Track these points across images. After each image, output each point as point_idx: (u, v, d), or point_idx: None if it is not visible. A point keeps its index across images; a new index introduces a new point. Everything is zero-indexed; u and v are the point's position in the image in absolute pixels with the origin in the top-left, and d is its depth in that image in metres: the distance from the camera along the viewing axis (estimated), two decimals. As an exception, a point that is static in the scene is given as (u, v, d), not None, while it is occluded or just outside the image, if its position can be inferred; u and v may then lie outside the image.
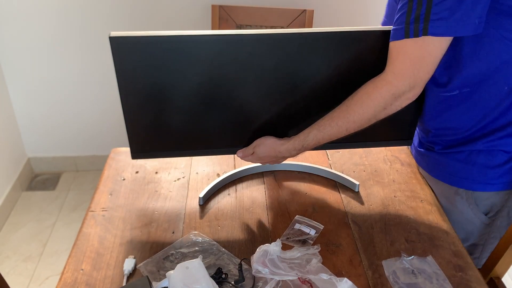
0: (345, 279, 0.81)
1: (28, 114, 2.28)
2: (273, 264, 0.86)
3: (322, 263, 0.89)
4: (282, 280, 0.85)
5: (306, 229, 0.99)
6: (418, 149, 1.14)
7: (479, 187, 1.01)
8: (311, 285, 0.84)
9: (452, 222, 1.04)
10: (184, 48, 0.88)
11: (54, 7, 1.99)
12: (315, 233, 0.98)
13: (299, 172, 1.18)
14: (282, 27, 1.84)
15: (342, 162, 1.22)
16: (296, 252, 0.90)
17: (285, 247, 0.93)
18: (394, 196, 1.10)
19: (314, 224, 1.00)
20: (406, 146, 1.26)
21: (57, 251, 1.99)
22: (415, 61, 0.85)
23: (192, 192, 1.10)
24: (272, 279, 0.85)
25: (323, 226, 1.00)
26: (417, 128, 1.12)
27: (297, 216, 1.03)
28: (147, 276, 0.80)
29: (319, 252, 0.90)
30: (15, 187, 2.25)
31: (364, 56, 0.93)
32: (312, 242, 0.96)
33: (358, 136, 1.06)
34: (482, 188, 1.01)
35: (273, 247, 0.88)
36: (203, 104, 0.96)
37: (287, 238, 0.97)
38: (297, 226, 1.00)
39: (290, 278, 0.84)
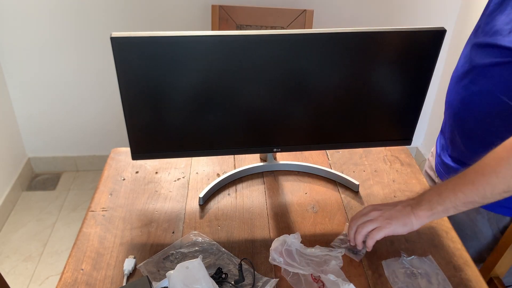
0: (351, 284, 0.81)
1: (28, 114, 2.28)
2: (289, 255, 0.87)
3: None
4: (294, 273, 0.86)
5: None
6: (448, 163, 1.10)
7: (502, 211, 1.00)
8: (323, 284, 0.84)
9: (466, 236, 1.05)
10: (184, 49, 0.88)
11: (55, 6, 1.99)
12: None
13: (299, 172, 1.18)
14: (282, 27, 1.85)
15: (342, 162, 1.22)
16: (317, 251, 0.90)
17: (310, 245, 0.93)
18: (394, 196, 1.10)
19: None
20: (407, 146, 1.26)
21: (57, 251, 1.99)
22: None
23: (192, 192, 1.10)
24: (271, 279, 0.85)
25: None
26: (451, 140, 1.09)
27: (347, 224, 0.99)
28: (147, 276, 0.80)
29: (342, 256, 0.90)
30: (15, 187, 2.25)
31: (364, 56, 0.94)
32: (363, 253, 0.92)
33: (358, 136, 1.07)
34: (505, 212, 1.01)
35: (292, 239, 0.89)
36: (203, 105, 0.96)
37: (340, 242, 0.94)
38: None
39: (302, 272, 0.85)
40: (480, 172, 0.78)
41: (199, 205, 1.06)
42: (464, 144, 1.02)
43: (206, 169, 1.18)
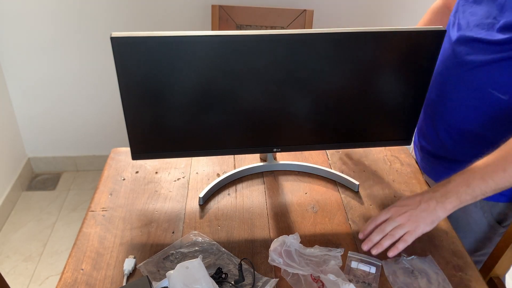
0: (351, 284, 0.81)
1: (28, 114, 2.28)
2: (288, 255, 0.87)
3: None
4: (294, 273, 0.86)
5: (366, 267, 0.90)
6: (427, 156, 1.11)
7: (494, 197, 1.00)
8: (323, 285, 0.84)
9: (463, 231, 1.04)
10: (184, 49, 0.88)
11: (55, 7, 1.99)
12: (376, 271, 0.89)
13: (299, 172, 1.18)
14: (282, 27, 1.85)
15: (342, 162, 1.22)
16: (316, 250, 0.90)
17: (310, 245, 0.93)
18: (394, 196, 1.10)
19: (370, 260, 0.92)
20: (406, 146, 1.26)
21: (57, 251, 1.99)
22: None
23: (192, 192, 1.10)
24: (271, 279, 0.85)
25: (380, 263, 0.91)
26: (427, 135, 1.10)
27: (349, 252, 0.93)
28: (147, 276, 0.80)
29: (341, 256, 0.90)
30: (15, 187, 2.25)
31: (363, 56, 0.94)
32: (376, 285, 0.87)
33: (358, 136, 1.07)
34: (497, 198, 1.01)
35: (291, 239, 0.89)
36: (203, 105, 0.96)
37: (350, 280, 0.88)
38: (353, 264, 0.91)
39: (302, 273, 0.85)
40: (510, 159, 0.79)
41: (199, 205, 1.06)
42: (449, 139, 1.03)
43: (206, 169, 1.18)
